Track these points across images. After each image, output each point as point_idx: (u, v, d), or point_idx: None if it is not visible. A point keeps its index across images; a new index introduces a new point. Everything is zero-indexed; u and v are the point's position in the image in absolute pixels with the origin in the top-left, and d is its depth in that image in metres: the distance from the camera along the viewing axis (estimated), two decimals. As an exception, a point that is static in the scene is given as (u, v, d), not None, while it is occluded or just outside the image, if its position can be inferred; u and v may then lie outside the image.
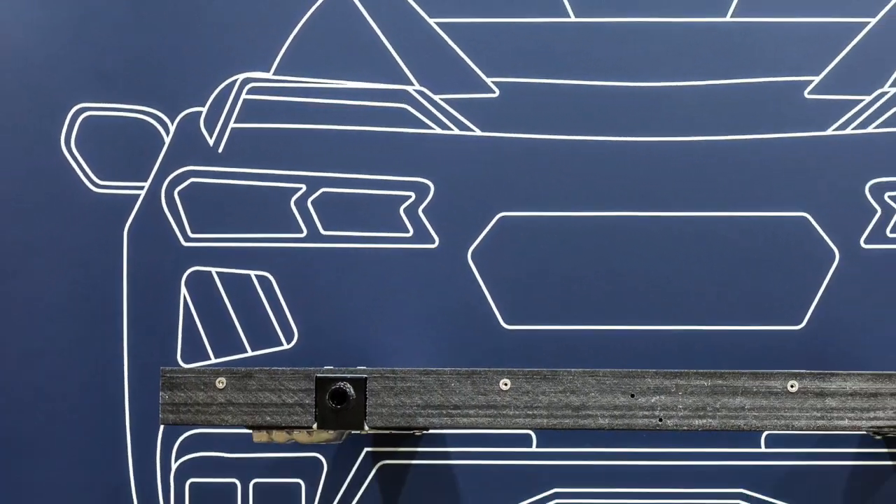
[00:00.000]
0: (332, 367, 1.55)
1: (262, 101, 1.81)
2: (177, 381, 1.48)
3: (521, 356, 1.77)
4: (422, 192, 1.79)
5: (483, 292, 1.78)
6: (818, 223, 1.77)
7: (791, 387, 1.44)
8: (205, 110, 1.81)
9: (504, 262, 1.78)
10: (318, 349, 1.79)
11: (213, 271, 1.80)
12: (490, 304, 1.78)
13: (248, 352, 1.79)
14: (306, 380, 1.47)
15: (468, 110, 1.80)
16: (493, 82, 1.80)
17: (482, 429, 1.47)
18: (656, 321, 1.78)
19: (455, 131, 1.80)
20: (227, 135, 1.80)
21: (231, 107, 1.81)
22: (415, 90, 1.80)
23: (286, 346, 1.79)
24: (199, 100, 1.81)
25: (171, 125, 1.81)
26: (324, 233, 1.79)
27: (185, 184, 1.81)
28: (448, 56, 1.81)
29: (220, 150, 1.81)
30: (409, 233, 1.79)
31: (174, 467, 1.79)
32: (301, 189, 1.79)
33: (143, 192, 1.80)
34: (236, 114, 1.80)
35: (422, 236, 1.79)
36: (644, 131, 1.79)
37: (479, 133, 1.80)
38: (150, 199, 1.80)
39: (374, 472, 1.78)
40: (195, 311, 1.79)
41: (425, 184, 1.79)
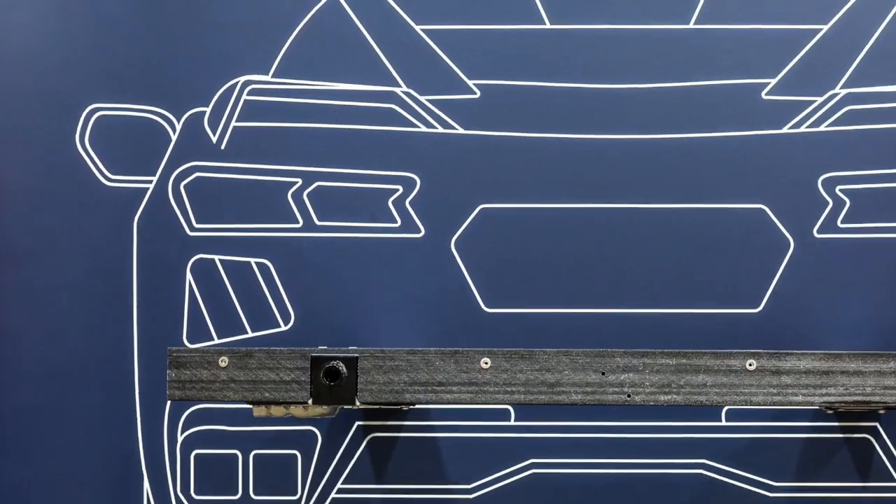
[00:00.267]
0: (326, 347, 1.58)
1: (262, 102, 1.83)
2: (183, 360, 1.50)
3: (500, 337, 1.79)
4: (409, 185, 1.82)
5: (465, 278, 1.80)
6: (774, 214, 1.79)
7: (749, 365, 1.47)
8: (208, 110, 1.83)
9: (484, 251, 1.80)
10: (313, 330, 1.80)
11: (216, 259, 1.82)
12: (472, 289, 1.81)
13: (248, 333, 1.82)
14: (302, 359, 1.49)
15: (451, 110, 1.82)
16: (474, 84, 1.82)
17: (464, 404, 1.49)
18: (625, 304, 1.79)
19: (439, 129, 1.82)
20: (229, 133, 1.83)
21: (233, 107, 1.82)
22: (402, 91, 1.82)
23: (284, 328, 1.81)
24: (204, 100, 1.83)
25: (177, 124, 1.83)
26: (318, 223, 1.81)
27: (190, 178, 1.83)
28: (433, 60, 1.82)
29: (223, 147, 1.83)
30: (397, 223, 1.81)
31: (180, 439, 1.82)
32: (297, 183, 1.82)
33: (151, 186, 1.83)
34: (238, 113, 1.82)
35: (409, 226, 1.81)
36: (613, 130, 1.81)
37: (461, 131, 1.82)
38: (158, 192, 1.83)
39: (364, 443, 1.81)
40: (199, 296, 1.82)
41: (412, 178, 1.82)
